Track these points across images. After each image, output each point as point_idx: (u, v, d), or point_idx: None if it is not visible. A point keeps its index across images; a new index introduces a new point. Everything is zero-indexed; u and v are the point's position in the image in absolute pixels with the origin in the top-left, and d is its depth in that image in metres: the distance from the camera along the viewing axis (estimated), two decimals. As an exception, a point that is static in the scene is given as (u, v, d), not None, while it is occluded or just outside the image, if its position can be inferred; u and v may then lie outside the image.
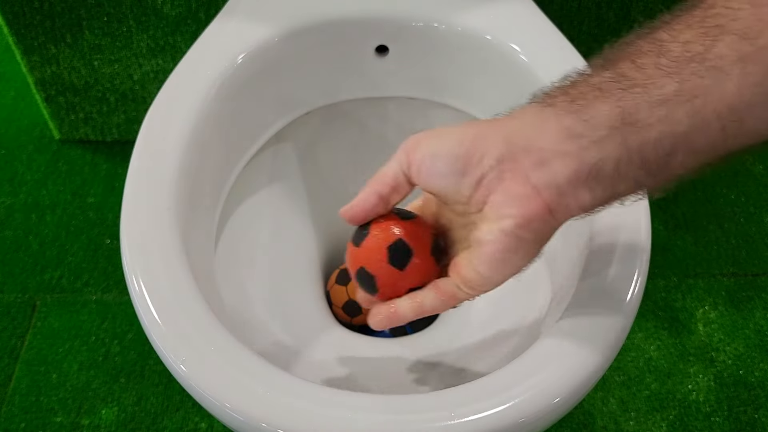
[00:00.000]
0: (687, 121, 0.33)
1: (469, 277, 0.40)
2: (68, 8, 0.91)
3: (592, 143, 0.35)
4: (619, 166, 0.35)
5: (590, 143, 0.35)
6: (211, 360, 0.44)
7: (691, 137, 0.34)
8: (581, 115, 0.35)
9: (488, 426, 0.41)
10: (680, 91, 0.33)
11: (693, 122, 0.33)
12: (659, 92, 0.33)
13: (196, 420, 0.85)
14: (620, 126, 0.34)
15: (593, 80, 0.36)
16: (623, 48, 0.36)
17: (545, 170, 0.36)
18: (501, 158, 0.37)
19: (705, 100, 0.33)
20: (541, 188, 0.36)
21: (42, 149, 1.12)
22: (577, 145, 0.35)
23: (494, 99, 0.68)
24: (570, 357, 0.43)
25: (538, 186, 0.36)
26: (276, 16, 0.66)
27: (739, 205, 1.06)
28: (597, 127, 0.35)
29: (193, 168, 0.56)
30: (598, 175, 0.35)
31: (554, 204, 0.37)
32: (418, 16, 0.67)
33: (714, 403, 0.88)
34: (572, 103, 0.36)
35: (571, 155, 0.35)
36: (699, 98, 0.33)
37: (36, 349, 0.91)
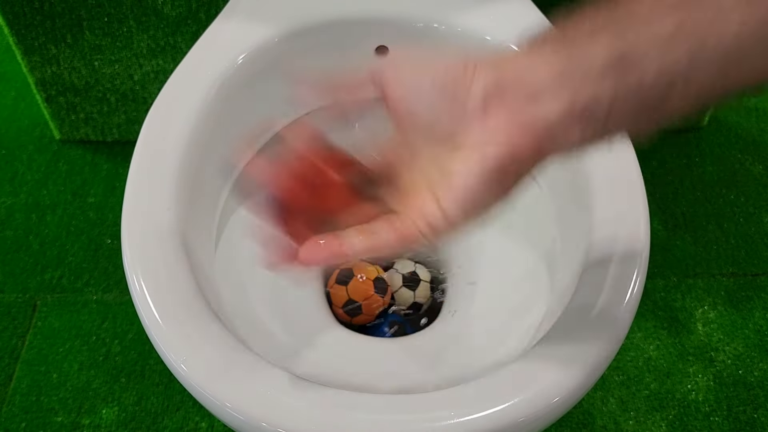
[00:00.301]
0: (686, 60, 0.32)
1: (431, 213, 0.36)
2: (69, 9, 0.92)
3: (587, 79, 0.33)
4: (613, 105, 0.33)
5: (585, 79, 0.33)
6: (211, 360, 0.44)
7: (690, 76, 0.33)
8: (574, 50, 0.34)
9: (488, 426, 0.41)
10: (680, 27, 0.32)
11: (692, 60, 0.32)
12: (658, 29, 0.32)
13: (197, 420, 0.85)
14: (617, 63, 0.33)
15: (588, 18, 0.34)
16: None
17: (537, 104, 0.34)
18: (491, 87, 0.34)
19: (705, 38, 0.32)
20: (532, 121, 0.34)
21: (42, 149, 1.12)
22: (570, 80, 0.33)
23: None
24: (569, 357, 0.44)
25: (528, 118, 0.34)
26: (276, 16, 0.66)
27: (739, 205, 1.06)
28: (593, 64, 0.33)
29: (194, 168, 0.56)
30: (591, 113, 0.34)
31: (543, 138, 0.34)
32: (418, 17, 0.67)
33: (713, 403, 0.88)
34: (566, 39, 0.34)
35: (565, 91, 0.33)
36: (699, 35, 0.32)
37: (36, 349, 0.91)
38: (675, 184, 1.09)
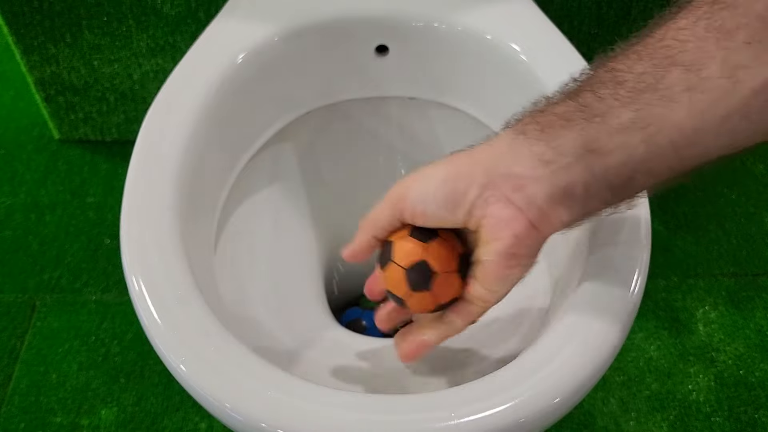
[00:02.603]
0: (643, 147, 0.37)
1: (478, 294, 0.44)
2: (68, 8, 0.91)
3: (561, 168, 0.39)
4: (588, 188, 0.39)
5: (559, 168, 0.39)
6: (211, 360, 0.44)
7: (649, 160, 0.37)
8: (549, 142, 0.39)
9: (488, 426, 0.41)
10: (636, 119, 0.37)
11: (649, 147, 0.37)
12: (617, 121, 0.37)
13: (196, 420, 0.85)
14: (584, 153, 0.38)
15: (558, 109, 0.39)
16: (585, 76, 0.40)
17: (524, 193, 0.40)
18: (484, 187, 0.41)
19: (658, 127, 0.36)
20: (524, 208, 0.40)
21: (41, 149, 1.12)
22: (548, 170, 0.39)
23: (494, 98, 0.68)
24: (570, 357, 0.43)
25: (520, 206, 0.40)
26: (276, 15, 0.66)
27: (740, 205, 1.06)
28: (564, 154, 0.39)
29: (193, 168, 0.56)
30: (570, 196, 0.39)
31: (537, 221, 0.40)
32: (418, 16, 0.67)
33: (714, 404, 0.88)
34: (541, 132, 0.39)
35: (544, 179, 0.39)
36: (653, 125, 0.36)
37: (35, 350, 0.91)
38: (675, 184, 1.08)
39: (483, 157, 0.42)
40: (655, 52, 0.37)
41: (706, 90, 0.35)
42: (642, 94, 0.37)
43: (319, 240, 0.76)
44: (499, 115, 0.68)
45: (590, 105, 0.38)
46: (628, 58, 0.38)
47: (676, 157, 0.37)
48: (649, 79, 0.36)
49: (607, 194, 0.39)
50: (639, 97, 0.37)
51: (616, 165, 0.38)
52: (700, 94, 0.35)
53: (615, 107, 0.37)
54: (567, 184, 0.39)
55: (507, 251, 0.41)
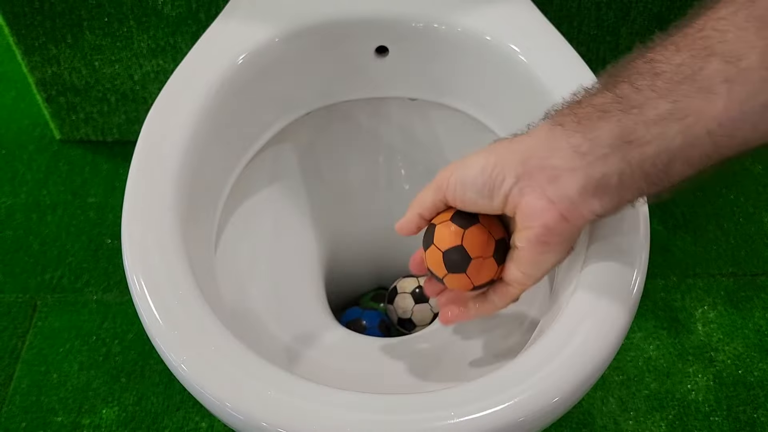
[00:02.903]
0: (680, 138, 0.37)
1: (514, 277, 0.47)
2: (69, 9, 0.92)
3: (597, 159, 0.40)
4: (622, 179, 0.40)
5: (595, 159, 0.40)
6: (211, 360, 0.44)
7: (686, 151, 0.38)
8: (586, 134, 0.40)
9: (488, 426, 0.41)
10: (673, 110, 0.37)
11: (686, 138, 0.37)
12: (654, 112, 0.37)
13: (197, 419, 0.85)
14: (621, 144, 0.39)
15: (596, 101, 0.40)
16: (623, 67, 0.40)
17: (558, 185, 0.41)
18: (519, 177, 0.42)
19: (696, 118, 0.36)
20: (556, 200, 0.41)
21: (43, 149, 1.12)
22: (584, 161, 0.40)
23: (494, 99, 0.68)
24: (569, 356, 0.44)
25: (552, 198, 0.42)
26: (276, 16, 0.66)
27: (739, 205, 1.06)
28: (600, 145, 0.39)
29: (194, 168, 0.56)
30: (604, 187, 0.40)
31: (568, 213, 0.42)
32: (418, 17, 0.67)
33: (713, 403, 0.88)
34: (578, 124, 0.40)
35: (579, 171, 0.40)
36: (690, 116, 0.37)
37: (36, 349, 0.91)
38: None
39: (521, 147, 0.43)
40: (694, 42, 0.37)
41: (745, 81, 0.35)
42: (680, 86, 0.37)
43: (319, 240, 0.76)
44: (498, 116, 0.68)
45: (627, 96, 0.38)
46: (666, 49, 0.38)
47: (714, 147, 0.37)
48: (687, 71, 0.37)
49: (642, 184, 0.40)
50: (677, 89, 0.37)
51: (653, 155, 0.38)
52: (739, 85, 0.35)
53: (652, 98, 0.38)
54: (602, 176, 0.40)
55: (537, 239, 0.43)
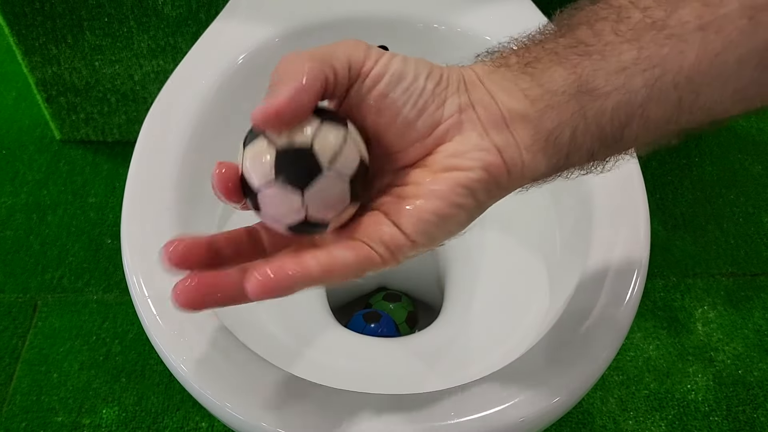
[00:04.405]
0: (644, 91, 0.32)
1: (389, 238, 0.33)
2: (69, 9, 0.92)
3: (550, 108, 0.33)
4: (575, 134, 0.34)
5: (547, 108, 0.33)
6: (211, 360, 0.44)
7: (648, 107, 0.33)
8: (537, 79, 0.34)
9: (488, 426, 0.41)
10: (638, 59, 0.32)
11: (650, 92, 0.32)
12: (617, 60, 0.32)
13: (197, 420, 0.85)
14: (577, 93, 0.33)
15: (547, 45, 0.34)
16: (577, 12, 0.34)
17: (505, 130, 0.34)
18: (462, 107, 0.34)
19: (663, 69, 0.32)
20: (502, 147, 0.34)
21: (43, 149, 1.12)
22: (534, 108, 0.33)
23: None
24: (569, 357, 0.44)
25: (499, 145, 0.34)
26: (276, 16, 0.66)
27: (738, 205, 1.06)
28: (554, 92, 0.33)
29: (194, 168, 0.56)
30: (555, 142, 0.34)
31: (512, 164, 0.34)
32: (418, 17, 0.67)
33: (713, 403, 0.88)
34: (527, 66, 0.34)
35: (530, 118, 0.34)
36: (658, 67, 0.32)
37: (37, 349, 0.91)
38: (675, 184, 1.09)
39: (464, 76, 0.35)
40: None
41: (721, 30, 0.31)
42: (648, 31, 0.32)
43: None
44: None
45: (586, 40, 0.33)
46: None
47: (678, 108, 0.33)
48: (657, 14, 0.32)
49: (595, 144, 0.34)
50: (644, 34, 0.32)
51: (612, 109, 0.33)
52: (713, 34, 0.31)
53: (615, 44, 0.32)
54: (554, 127, 0.33)
55: (469, 184, 0.33)
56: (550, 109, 0.33)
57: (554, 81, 0.33)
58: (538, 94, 0.33)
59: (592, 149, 0.34)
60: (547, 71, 0.33)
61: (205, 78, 0.61)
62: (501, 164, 0.33)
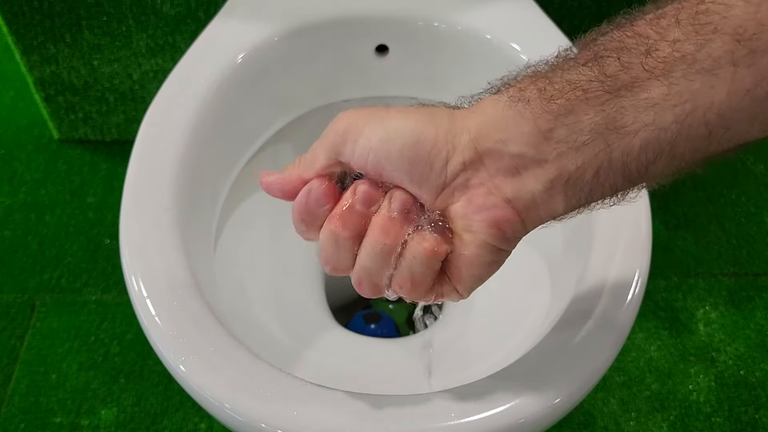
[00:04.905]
0: (674, 127, 0.31)
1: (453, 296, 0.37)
2: (67, 8, 0.91)
3: (572, 150, 0.32)
4: (599, 174, 0.32)
5: (570, 149, 0.32)
6: (210, 360, 0.44)
7: (676, 144, 0.31)
8: (562, 118, 0.32)
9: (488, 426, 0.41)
10: (668, 95, 0.31)
11: (680, 128, 0.31)
12: (646, 95, 0.31)
13: (196, 420, 0.85)
14: (604, 131, 0.31)
15: (571, 77, 0.32)
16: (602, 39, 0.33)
17: (519, 180, 0.33)
18: (468, 163, 0.33)
19: (694, 105, 0.31)
20: (514, 199, 0.33)
21: (41, 149, 1.11)
22: (555, 151, 0.32)
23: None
24: (570, 357, 0.43)
25: (510, 197, 0.33)
26: (276, 15, 0.66)
27: (740, 205, 1.06)
28: (579, 131, 0.32)
29: (193, 168, 0.56)
30: (576, 183, 0.33)
31: (526, 213, 0.33)
32: (418, 16, 0.67)
33: (715, 404, 0.88)
34: (549, 102, 0.32)
35: (549, 163, 0.32)
36: (688, 102, 0.31)
37: (35, 350, 0.91)
38: (676, 184, 1.08)
39: (470, 123, 0.33)
40: (695, 17, 0.30)
41: (753, 64, 0.30)
42: (677, 66, 0.30)
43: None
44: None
45: (614, 75, 0.31)
46: (659, 23, 0.31)
47: (706, 141, 0.31)
48: (687, 48, 0.30)
49: (618, 181, 0.33)
50: (674, 69, 0.30)
51: (640, 147, 0.31)
52: (745, 69, 0.30)
53: (644, 79, 0.31)
54: (576, 169, 0.32)
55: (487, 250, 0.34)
56: (573, 151, 0.32)
57: (580, 121, 0.32)
58: (562, 136, 0.32)
59: (616, 186, 0.33)
60: (572, 110, 0.32)
61: (204, 77, 0.60)
62: (512, 215, 0.33)
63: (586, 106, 0.31)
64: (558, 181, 0.32)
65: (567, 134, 0.32)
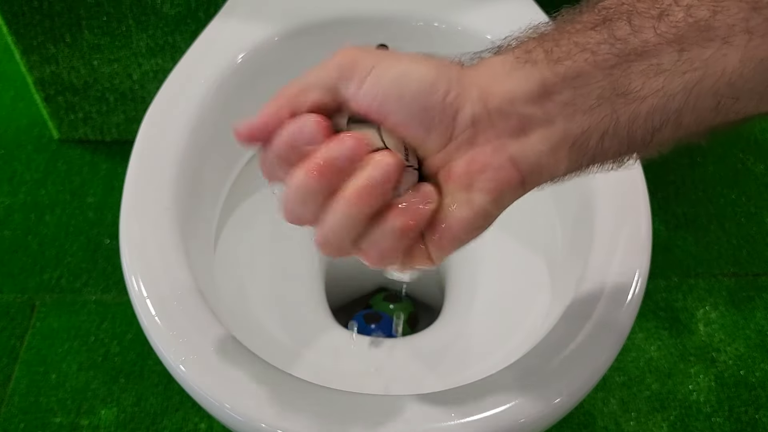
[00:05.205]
0: (682, 95, 0.30)
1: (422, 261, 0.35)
2: (67, 8, 0.91)
3: (579, 112, 0.31)
4: (603, 139, 0.32)
5: (576, 112, 0.31)
6: (210, 360, 0.44)
7: (684, 112, 0.31)
8: (569, 80, 0.31)
9: (488, 426, 0.41)
10: (679, 61, 0.30)
11: (688, 96, 0.30)
12: (656, 61, 0.30)
13: (196, 420, 0.85)
14: (611, 96, 0.31)
15: (579, 39, 0.31)
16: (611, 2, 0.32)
17: (525, 139, 0.32)
18: (475, 119, 0.32)
19: (705, 73, 0.30)
20: (519, 159, 0.32)
21: (41, 149, 1.11)
22: (563, 112, 0.31)
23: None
24: (571, 357, 0.43)
25: (515, 156, 0.32)
26: (276, 15, 0.66)
27: (740, 205, 1.06)
28: (586, 95, 0.31)
29: (193, 168, 0.56)
30: (581, 146, 0.32)
31: (529, 174, 0.33)
32: (418, 16, 0.67)
33: (715, 404, 0.88)
34: (557, 64, 0.31)
35: (556, 124, 0.32)
36: (699, 70, 0.30)
37: (35, 350, 0.91)
38: (677, 184, 1.08)
39: (479, 79, 0.32)
40: None
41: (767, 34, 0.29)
42: (690, 31, 0.30)
43: (319, 240, 0.76)
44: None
45: (624, 38, 0.30)
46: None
47: (714, 111, 0.31)
48: (701, 13, 0.30)
49: (622, 147, 0.32)
50: (686, 35, 0.30)
51: (646, 113, 0.31)
52: (760, 38, 0.29)
53: (655, 44, 0.30)
54: (582, 132, 0.31)
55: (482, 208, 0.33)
56: (580, 114, 0.31)
57: (588, 84, 0.31)
58: (569, 98, 0.31)
59: (619, 152, 0.33)
60: (580, 72, 0.31)
61: (204, 77, 0.60)
62: (515, 176, 0.32)
63: (594, 69, 0.31)
64: (563, 143, 0.32)
65: (574, 97, 0.31)
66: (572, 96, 0.31)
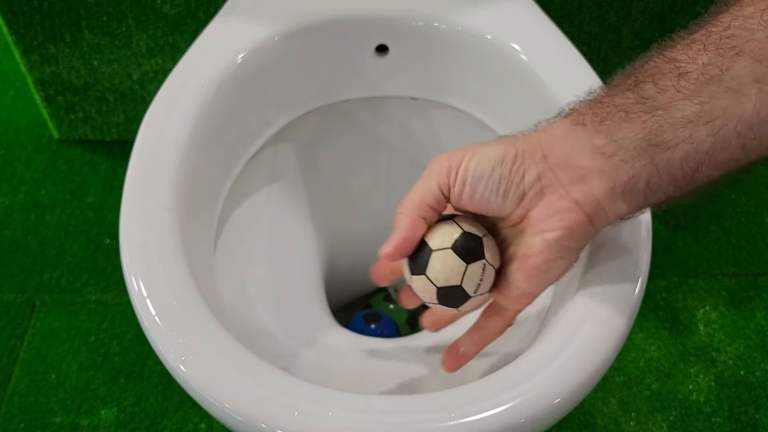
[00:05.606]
0: (709, 141, 0.36)
1: (513, 295, 0.44)
2: (67, 8, 0.91)
3: (623, 162, 0.38)
4: (649, 183, 0.38)
5: (621, 162, 0.38)
6: (210, 360, 0.44)
7: (714, 155, 0.36)
8: (611, 136, 0.38)
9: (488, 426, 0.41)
10: (701, 112, 0.35)
11: (715, 141, 0.36)
12: (681, 114, 0.36)
13: (196, 420, 0.85)
14: (647, 147, 0.37)
15: (617, 101, 0.38)
16: (642, 67, 0.38)
17: (584, 186, 0.39)
18: (541, 175, 0.40)
19: (725, 120, 0.35)
20: (582, 202, 0.39)
21: (41, 149, 1.11)
22: (610, 163, 0.38)
23: (495, 98, 0.68)
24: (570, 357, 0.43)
25: (578, 200, 0.39)
26: (276, 15, 0.66)
27: (740, 205, 1.06)
28: (626, 147, 0.38)
29: (193, 168, 0.56)
30: (632, 190, 0.38)
31: (594, 215, 0.40)
32: (418, 16, 0.67)
33: (715, 404, 0.88)
34: (601, 124, 0.38)
35: (606, 173, 0.38)
36: (719, 119, 0.35)
37: (35, 350, 0.91)
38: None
39: (540, 142, 0.40)
40: (720, 41, 0.35)
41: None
42: (707, 86, 0.35)
43: (319, 240, 0.76)
44: (500, 115, 0.68)
45: (651, 97, 0.37)
46: (690, 48, 0.37)
47: (742, 151, 0.36)
48: (714, 70, 0.35)
49: (669, 188, 0.38)
50: (703, 89, 0.35)
51: (681, 158, 0.37)
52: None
53: (678, 99, 0.36)
54: (629, 179, 0.38)
55: (557, 242, 0.40)
56: (624, 163, 0.38)
57: (627, 138, 0.37)
58: (613, 151, 0.38)
59: (668, 191, 0.39)
60: (619, 128, 0.38)
61: (204, 77, 0.60)
62: (583, 217, 0.40)
63: (629, 125, 0.37)
64: (616, 188, 0.39)
65: (617, 149, 0.38)
66: (615, 149, 0.38)
